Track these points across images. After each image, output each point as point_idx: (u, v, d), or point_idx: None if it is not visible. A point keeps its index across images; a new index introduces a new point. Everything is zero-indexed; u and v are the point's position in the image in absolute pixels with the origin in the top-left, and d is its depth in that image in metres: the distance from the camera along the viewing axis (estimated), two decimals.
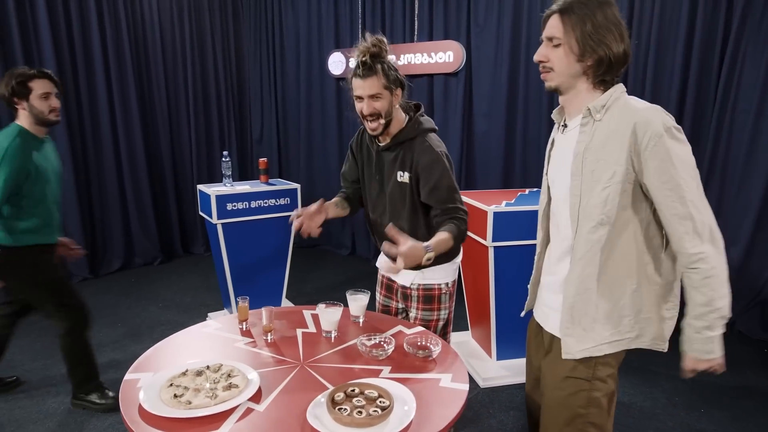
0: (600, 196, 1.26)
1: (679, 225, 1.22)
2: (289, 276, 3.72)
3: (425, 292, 1.93)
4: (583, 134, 1.30)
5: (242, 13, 5.69)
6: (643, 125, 1.20)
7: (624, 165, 1.23)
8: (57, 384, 2.85)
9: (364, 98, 1.75)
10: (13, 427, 2.48)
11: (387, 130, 1.83)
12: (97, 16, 4.43)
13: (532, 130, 4.19)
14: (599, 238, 1.28)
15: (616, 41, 1.24)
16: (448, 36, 4.45)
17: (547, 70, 1.31)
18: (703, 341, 1.26)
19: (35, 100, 2.27)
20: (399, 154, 1.85)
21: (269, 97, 5.70)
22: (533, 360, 1.56)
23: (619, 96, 1.28)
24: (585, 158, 1.28)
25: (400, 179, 1.84)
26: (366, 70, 1.72)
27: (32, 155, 2.28)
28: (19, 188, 2.26)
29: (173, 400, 1.29)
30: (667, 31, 3.50)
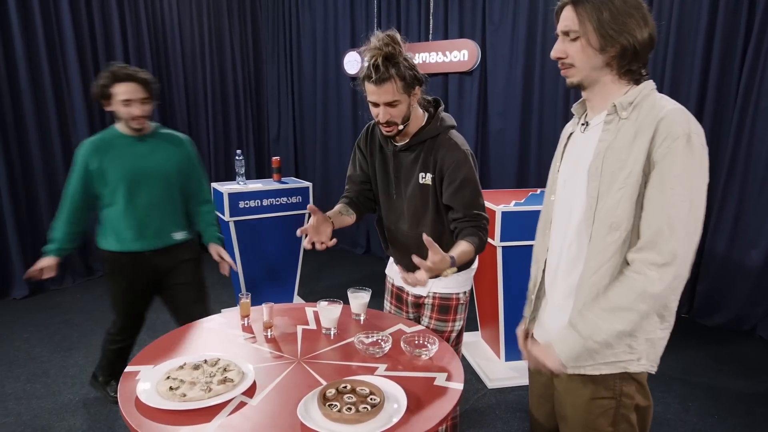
0: (614, 198, 1.14)
1: (646, 232, 1.10)
2: (303, 273, 3.75)
3: (442, 301, 1.82)
4: (606, 132, 1.18)
5: (260, 14, 5.76)
6: (666, 124, 1.09)
7: (640, 164, 1.11)
8: (74, 376, 2.93)
9: (379, 104, 1.61)
10: (29, 416, 2.56)
11: (405, 130, 1.70)
12: (118, 17, 4.54)
13: (547, 129, 4.14)
14: (610, 244, 1.15)
15: (639, 26, 1.12)
16: (463, 35, 4.43)
17: (566, 66, 1.20)
18: (565, 336, 1.18)
19: (117, 105, 2.16)
20: (420, 154, 1.71)
21: (286, 97, 5.75)
22: (537, 377, 1.43)
23: (648, 93, 1.16)
24: (606, 158, 1.16)
25: (422, 181, 1.71)
26: (380, 76, 1.55)
27: (103, 160, 2.19)
28: (92, 190, 2.24)
29: (169, 393, 1.31)
30: (687, 25, 3.42)
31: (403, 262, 1.86)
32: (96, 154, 2.20)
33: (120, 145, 2.23)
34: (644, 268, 1.10)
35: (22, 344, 3.31)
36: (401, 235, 1.83)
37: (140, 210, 2.26)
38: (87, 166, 2.20)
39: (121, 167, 2.21)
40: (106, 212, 2.28)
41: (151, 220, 2.29)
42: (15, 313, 3.79)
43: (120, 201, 2.23)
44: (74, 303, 4.01)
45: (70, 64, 4.27)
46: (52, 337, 3.42)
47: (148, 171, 2.25)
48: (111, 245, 2.30)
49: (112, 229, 2.29)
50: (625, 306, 1.11)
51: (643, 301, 1.10)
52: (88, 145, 2.23)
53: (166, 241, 2.35)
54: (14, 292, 4.10)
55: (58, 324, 3.61)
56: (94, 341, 3.35)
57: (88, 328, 3.55)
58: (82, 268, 4.53)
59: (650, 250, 1.09)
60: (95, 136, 2.26)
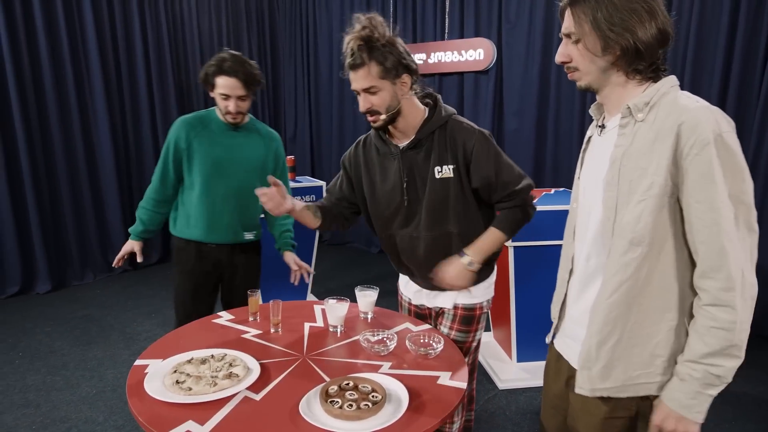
0: (634, 212, 1.05)
1: (707, 258, 1.01)
2: (318, 272, 3.78)
3: (465, 312, 1.74)
4: (622, 137, 1.09)
5: (278, 15, 5.82)
6: (689, 127, 0.99)
7: (663, 175, 1.02)
8: (92, 369, 3.00)
9: (359, 92, 1.55)
10: (48, 407, 2.63)
11: (403, 126, 1.60)
12: (139, 18, 4.63)
13: (563, 129, 4.10)
14: (631, 261, 1.07)
15: (641, 23, 1.03)
16: (479, 33, 4.41)
17: (571, 70, 1.14)
18: (687, 393, 1.04)
19: (216, 96, 2.11)
20: (432, 148, 1.61)
21: (302, 97, 5.80)
22: (552, 386, 1.36)
23: (667, 91, 1.06)
24: (623, 165, 1.07)
25: (439, 176, 1.60)
26: (353, 60, 1.50)
27: (193, 140, 2.13)
28: (178, 170, 2.17)
29: (175, 386, 1.34)
30: (709, 21, 3.35)
31: (422, 272, 1.73)
32: (187, 133, 2.14)
33: (213, 129, 2.17)
34: (716, 296, 1.01)
35: (44, 338, 3.40)
36: (421, 242, 1.67)
37: (216, 200, 2.18)
38: (177, 144, 2.14)
39: (208, 151, 2.15)
40: (183, 197, 2.23)
41: (225, 213, 2.20)
42: (38, 308, 3.90)
43: (197, 187, 2.17)
44: (94, 298, 4.10)
45: (92, 65, 4.37)
46: (72, 331, 3.51)
47: (232, 162, 2.17)
48: (181, 231, 2.24)
49: (185, 215, 2.22)
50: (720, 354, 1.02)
51: (729, 337, 1.01)
52: (181, 122, 2.17)
53: (235, 238, 2.26)
54: (38, 286, 4.22)
55: (78, 319, 3.71)
56: (112, 336, 3.43)
57: (107, 323, 3.64)
58: (103, 264, 4.63)
59: (717, 273, 1.00)
60: (191, 114, 2.22)
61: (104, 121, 4.47)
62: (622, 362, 1.12)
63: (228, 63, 2.05)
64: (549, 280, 1.54)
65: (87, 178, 4.47)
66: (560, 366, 1.31)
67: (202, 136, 2.15)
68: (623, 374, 1.12)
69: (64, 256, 4.41)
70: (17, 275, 4.13)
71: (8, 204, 4.02)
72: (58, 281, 4.34)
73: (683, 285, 1.07)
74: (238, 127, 2.20)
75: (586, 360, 1.16)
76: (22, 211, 4.13)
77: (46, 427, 2.47)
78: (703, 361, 1.02)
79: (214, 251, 2.24)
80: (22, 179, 4.09)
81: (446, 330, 1.77)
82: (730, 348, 1.01)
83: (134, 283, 4.46)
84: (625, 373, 1.12)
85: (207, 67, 2.10)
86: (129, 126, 4.74)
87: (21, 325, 3.58)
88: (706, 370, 1.02)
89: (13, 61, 3.90)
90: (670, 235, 1.06)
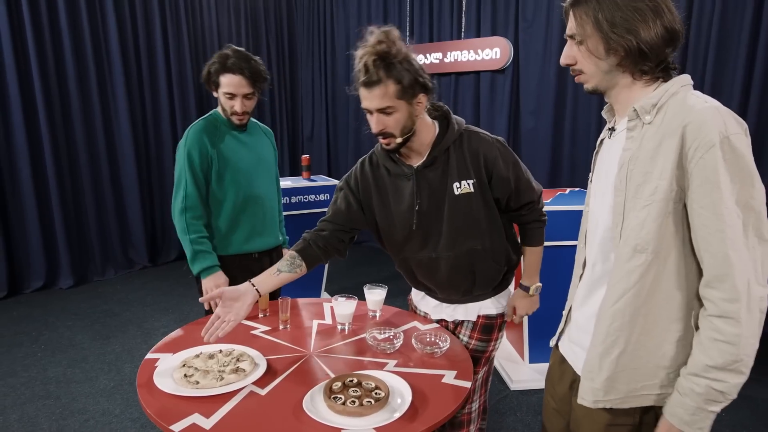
0: (638, 217, 1.02)
1: (712, 267, 0.97)
2: (333, 271, 3.80)
3: (486, 321, 1.69)
4: (629, 140, 1.05)
5: (296, 15, 5.87)
6: (694, 129, 0.94)
7: (668, 179, 0.97)
8: (110, 363, 3.08)
9: (372, 112, 1.43)
10: (67, 399, 2.71)
11: (416, 144, 1.52)
12: (159, 19, 4.71)
13: (581, 128, 4.05)
14: (635, 268, 1.03)
15: (645, 23, 0.99)
16: (496, 32, 4.39)
17: (576, 72, 1.11)
18: (688, 408, 1.00)
19: (221, 95, 1.97)
20: (449, 164, 1.53)
21: (320, 96, 5.84)
22: (556, 389, 1.33)
23: (677, 91, 1.02)
24: (630, 170, 1.03)
25: (458, 192, 1.53)
26: (369, 77, 1.37)
27: (218, 147, 1.99)
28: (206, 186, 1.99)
29: (183, 380, 1.37)
30: (731, 19, 3.28)
31: (444, 291, 1.69)
32: (211, 140, 1.98)
33: (226, 133, 2.04)
34: (721, 308, 0.96)
35: (65, 331, 3.50)
36: (441, 263, 1.59)
37: (254, 205, 2.06)
38: (203, 153, 1.96)
39: (233, 157, 2.00)
40: (222, 209, 2.03)
41: (263, 217, 2.08)
42: (61, 303, 4.01)
43: (231, 195, 2.01)
44: (115, 294, 4.20)
45: (114, 65, 4.47)
46: (92, 325, 3.60)
47: (257, 163, 2.08)
48: (221, 249, 2.03)
49: (219, 230, 2.03)
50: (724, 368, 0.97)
51: (734, 351, 0.96)
52: (198, 131, 1.98)
53: (275, 241, 2.15)
54: (61, 282, 4.34)
55: (98, 313, 3.80)
56: (130, 331, 3.51)
57: (126, 318, 3.72)
58: (124, 260, 4.73)
59: (721, 284, 0.96)
60: (200, 121, 2.04)
61: (125, 121, 4.57)
62: (626, 374, 1.08)
63: (232, 59, 1.91)
64: (563, 281, 1.52)
65: (108, 177, 4.58)
66: (564, 369, 1.29)
67: (222, 141, 2.02)
68: (626, 386, 1.09)
69: (86, 252, 4.53)
70: (41, 271, 4.25)
71: (33, 202, 4.14)
72: (81, 277, 4.45)
73: (691, 295, 1.03)
74: (245, 128, 2.10)
75: (589, 371, 1.13)
76: (47, 209, 4.25)
77: (65, 418, 2.54)
78: (706, 375, 0.98)
79: (259, 260, 2.10)
80: (46, 178, 4.21)
81: (466, 339, 1.70)
82: (735, 363, 0.96)
83: (153, 279, 4.55)
84: (629, 384, 1.09)
85: (209, 65, 1.97)
86: (149, 126, 4.83)
87: (44, 319, 3.69)
88: (708, 385, 0.98)
89: (38, 63, 4.01)
90: (677, 242, 1.01)
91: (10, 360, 3.10)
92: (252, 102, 2.02)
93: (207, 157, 1.98)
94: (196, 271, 1.95)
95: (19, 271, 4.20)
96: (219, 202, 2.03)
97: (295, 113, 6.05)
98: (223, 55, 1.94)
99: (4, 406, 2.63)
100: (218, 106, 2.06)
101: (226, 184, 2.01)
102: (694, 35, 3.41)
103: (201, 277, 1.96)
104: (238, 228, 2.05)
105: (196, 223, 1.97)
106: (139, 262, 4.82)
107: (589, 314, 1.18)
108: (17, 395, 2.73)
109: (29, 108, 4.07)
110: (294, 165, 6.04)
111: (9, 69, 3.91)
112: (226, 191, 2.02)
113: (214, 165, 1.99)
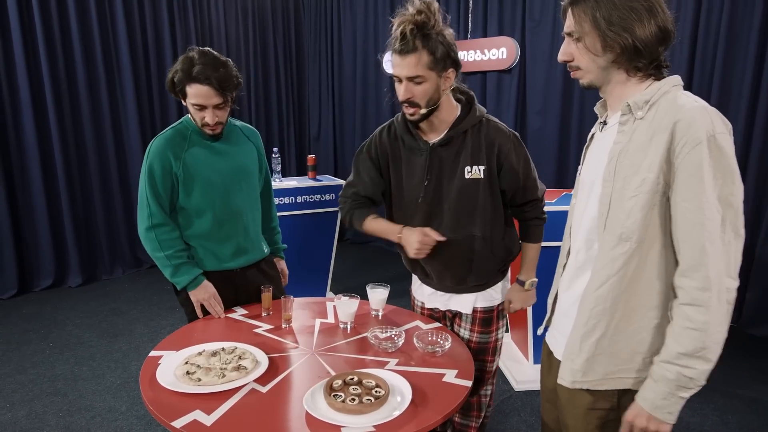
0: (625, 207, 1.07)
1: (688, 257, 1.01)
2: (339, 270, 3.81)
3: (484, 314, 1.73)
4: (621, 134, 1.10)
5: (303, 15, 5.89)
6: (684, 126, 1.00)
7: (656, 172, 1.03)
8: (117, 361, 3.10)
9: (402, 80, 1.46)
10: (74, 396, 2.73)
11: (436, 120, 1.55)
12: (168, 19, 4.74)
13: (587, 128, 4.02)
14: (618, 256, 1.08)
15: (641, 21, 1.03)
16: (503, 32, 4.37)
17: (573, 68, 1.15)
18: (659, 393, 1.04)
19: (189, 105, 1.77)
20: (464, 147, 1.56)
21: (327, 96, 5.85)
22: (546, 381, 1.37)
23: (668, 90, 1.07)
24: (619, 162, 1.09)
25: (469, 176, 1.56)
26: (405, 45, 1.40)
27: (185, 160, 1.80)
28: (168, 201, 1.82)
29: (185, 377, 1.38)
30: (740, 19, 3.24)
31: (439, 276, 1.72)
32: (175, 153, 1.79)
33: (197, 141, 1.84)
34: (692, 296, 1.01)
35: (74, 329, 3.53)
36: (442, 245, 1.58)
37: (233, 221, 1.89)
38: (165, 169, 1.78)
39: (206, 168, 1.82)
40: (195, 226, 1.86)
41: (245, 232, 1.93)
42: (69, 301, 4.05)
43: (210, 208, 1.84)
44: (122, 292, 4.23)
45: (123, 68, 4.50)
46: (100, 323, 3.63)
47: (238, 172, 1.89)
48: (207, 265, 1.89)
49: (202, 246, 1.88)
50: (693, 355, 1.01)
51: (702, 338, 1.01)
52: (163, 142, 1.80)
53: (260, 255, 2.02)
54: (70, 280, 4.38)
55: (106, 312, 3.83)
56: (137, 329, 3.53)
57: (133, 316, 3.75)
58: (132, 259, 4.77)
59: (695, 273, 1.01)
60: (168, 130, 1.86)
61: (134, 122, 4.61)
62: (604, 357, 1.14)
63: (197, 67, 1.69)
64: None
65: (117, 177, 4.62)
66: (551, 361, 1.33)
67: (191, 154, 1.81)
68: (603, 368, 1.14)
69: (95, 251, 4.57)
70: (51, 269, 4.30)
71: (43, 202, 4.18)
72: (89, 275, 4.50)
73: (668, 284, 1.08)
74: (220, 136, 1.88)
75: (570, 352, 1.18)
76: (56, 209, 4.30)
77: (72, 415, 2.57)
78: (677, 362, 1.03)
79: (246, 275, 1.97)
80: (56, 179, 4.25)
81: (467, 333, 1.75)
82: (703, 350, 1.01)
83: (160, 278, 4.52)
84: (606, 367, 1.14)
85: (173, 72, 1.74)
86: (158, 127, 4.86)
87: (53, 317, 3.73)
88: (679, 371, 1.02)
89: (49, 65, 4.06)
90: (659, 233, 1.06)
91: (20, 357, 3.14)
92: (225, 111, 1.80)
93: (170, 173, 1.78)
94: (182, 285, 1.82)
95: (29, 269, 4.25)
96: (193, 219, 1.85)
97: (302, 113, 6.07)
98: (188, 60, 1.72)
99: (12, 402, 2.67)
100: None
101: (197, 200, 1.83)
102: (703, 35, 3.38)
103: (188, 289, 1.84)
104: (217, 246, 1.89)
105: (168, 238, 1.81)
106: (147, 261, 4.84)
107: (572, 300, 1.23)
108: (25, 391, 2.76)
109: (40, 109, 4.11)
110: (301, 165, 6.06)
111: (20, 72, 3.96)
112: (199, 207, 1.84)
113: (180, 181, 1.80)
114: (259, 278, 2.00)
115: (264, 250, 2.07)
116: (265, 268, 2.05)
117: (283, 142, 5.84)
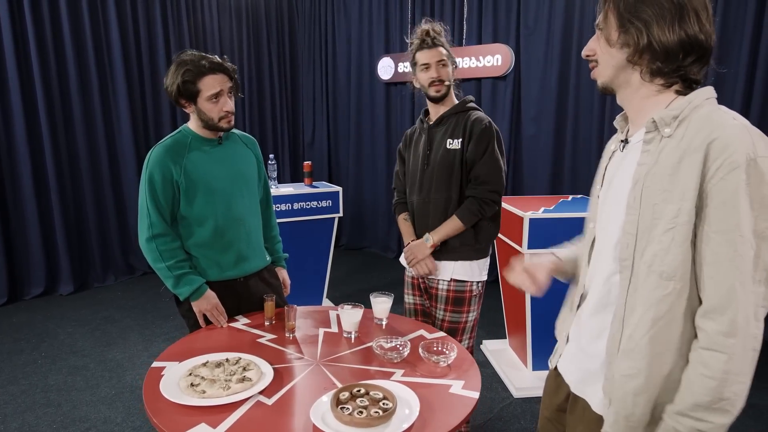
0: (662, 241, 0.93)
1: (713, 296, 0.90)
2: (334, 277, 3.79)
3: (456, 294, 2.01)
4: (645, 154, 0.97)
5: (297, 20, 5.89)
6: (720, 147, 0.87)
7: (691, 200, 0.89)
8: (111, 370, 3.06)
9: (431, 65, 1.96)
10: (68, 407, 2.69)
11: (442, 109, 2.02)
12: (161, 22, 4.72)
13: (582, 135, 4.06)
14: (664, 297, 0.93)
15: (663, 20, 0.93)
16: (497, 39, 4.40)
17: (593, 64, 1.06)
18: None
19: (204, 103, 1.78)
20: (450, 126, 2.00)
21: (321, 102, 5.85)
22: (552, 399, 1.28)
23: (700, 104, 0.94)
24: (646, 187, 0.95)
25: (449, 146, 1.97)
26: (432, 40, 1.96)
27: (185, 169, 1.80)
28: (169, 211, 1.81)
29: (189, 389, 1.36)
30: (732, 24, 3.29)
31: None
32: (175, 162, 1.79)
33: (197, 149, 1.84)
34: (714, 340, 0.90)
35: (66, 338, 3.48)
36: (431, 206, 2.02)
37: (236, 228, 1.89)
38: (165, 177, 1.78)
39: (208, 176, 1.83)
40: (196, 235, 1.86)
41: (248, 239, 1.93)
42: (61, 309, 3.99)
43: (212, 215, 1.84)
44: (115, 300, 4.18)
45: (116, 71, 4.48)
46: (93, 332, 3.58)
47: (238, 178, 1.90)
48: (210, 275, 1.88)
49: (204, 256, 1.87)
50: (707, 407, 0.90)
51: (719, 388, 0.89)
52: (162, 151, 1.80)
53: (262, 262, 2.01)
54: (61, 288, 4.32)
55: (99, 320, 3.78)
56: (131, 338, 3.49)
57: (126, 324, 3.70)
58: (124, 266, 4.72)
59: (720, 316, 0.89)
60: (166, 140, 1.85)
61: (127, 127, 4.57)
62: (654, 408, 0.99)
63: (204, 61, 1.77)
64: (565, 287, 1.51)
65: (109, 183, 4.57)
66: (560, 382, 1.25)
67: (191, 161, 1.82)
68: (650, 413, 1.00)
69: (86, 258, 4.51)
70: (41, 277, 4.24)
71: (34, 208, 4.13)
72: (81, 283, 4.44)
73: (687, 328, 0.96)
74: (221, 140, 1.91)
75: (620, 408, 1.01)
76: (47, 215, 4.25)
77: (66, 427, 2.52)
78: (691, 413, 0.91)
79: (248, 284, 1.96)
80: (47, 184, 4.20)
81: (441, 314, 2.04)
82: (720, 402, 0.89)
83: (153, 285, 4.53)
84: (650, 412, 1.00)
85: (179, 76, 1.75)
86: (151, 131, 4.83)
87: (44, 326, 3.67)
88: (693, 426, 0.91)
89: (40, 69, 4.01)
90: (691, 268, 0.93)
91: (11, 367, 3.09)
92: (233, 101, 1.87)
93: (171, 181, 1.79)
94: (185, 296, 1.80)
95: (20, 277, 4.19)
96: (194, 228, 1.85)
97: (296, 119, 6.06)
98: (188, 62, 1.77)
99: (4, 414, 2.61)
100: (189, 121, 1.87)
101: (200, 207, 1.83)
102: None
103: (191, 300, 1.82)
104: (220, 254, 1.87)
105: (169, 248, 1.80)
106: (140, 269, 4.80)
107: (592, 335, 1.11)
108: (17, 403, 2.71)
109: (30, 113, 4.06)
110: (295, 171, 6.04)
111: (11, 73, 3.92)
112: (200, 215, 1.83)
113: (182, 189, 1.80)
114: (261, 287, 1.99)
115: (266, 258, 2.07)
116: (267, 277, 2.05)
117: (277, 149, 5.82)
